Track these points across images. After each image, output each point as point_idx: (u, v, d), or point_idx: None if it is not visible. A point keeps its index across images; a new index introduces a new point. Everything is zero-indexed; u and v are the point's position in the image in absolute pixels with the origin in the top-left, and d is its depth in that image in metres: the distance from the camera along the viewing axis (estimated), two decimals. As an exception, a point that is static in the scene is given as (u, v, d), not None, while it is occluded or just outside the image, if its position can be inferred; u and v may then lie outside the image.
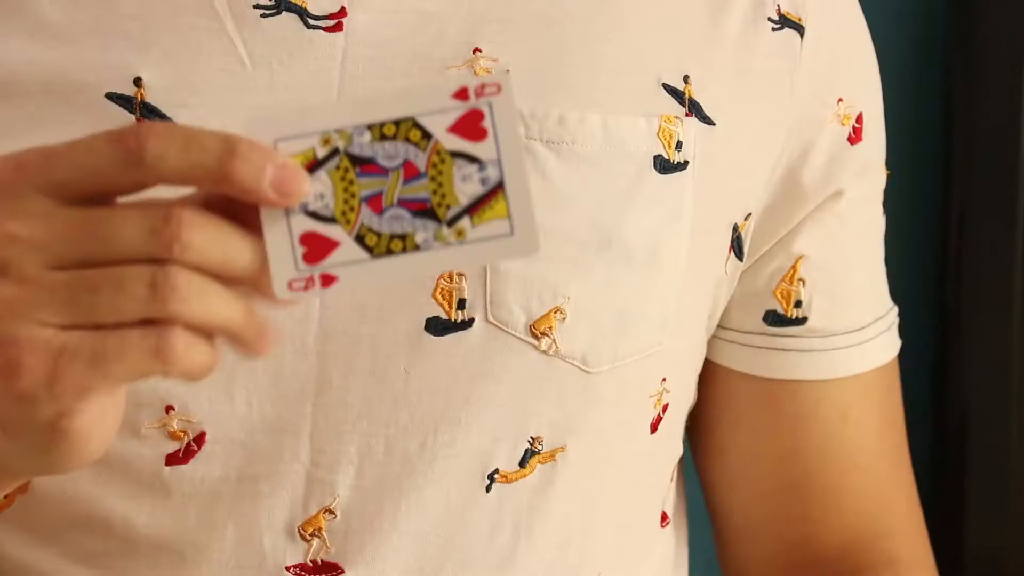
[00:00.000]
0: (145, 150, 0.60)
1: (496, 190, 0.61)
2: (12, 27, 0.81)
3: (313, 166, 0.61)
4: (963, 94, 1.45)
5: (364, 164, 0.61)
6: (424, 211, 0.61)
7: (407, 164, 0.61)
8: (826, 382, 0.94)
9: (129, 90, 0.80)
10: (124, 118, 0.80)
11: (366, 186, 0.61)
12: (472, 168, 0.61)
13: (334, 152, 0.61)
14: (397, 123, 0.60)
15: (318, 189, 0.61)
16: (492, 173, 0.61)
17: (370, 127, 0.60)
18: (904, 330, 0.98)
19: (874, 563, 0.95)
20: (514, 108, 0.61)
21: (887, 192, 0.97)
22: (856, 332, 0.94)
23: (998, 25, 1.42)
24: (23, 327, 0.60)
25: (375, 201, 0.61)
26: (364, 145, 0.61)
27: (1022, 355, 1.42)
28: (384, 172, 0.61)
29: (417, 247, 0.61)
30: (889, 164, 0.96)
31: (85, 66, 0.80)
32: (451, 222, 0.61)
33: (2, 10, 0.81)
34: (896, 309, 0.98)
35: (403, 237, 0.61)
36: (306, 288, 0.61)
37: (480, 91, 0.60)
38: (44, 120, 0.80)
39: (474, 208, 0.61)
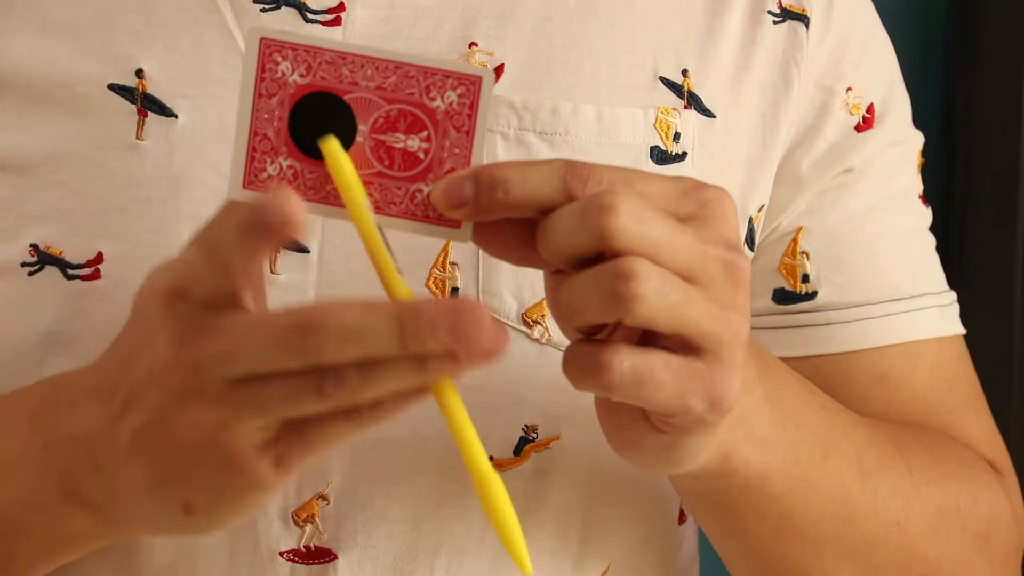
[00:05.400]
0: (323, 351, 0.61)
1: None
2: (20, 25, 0.83)
3: None
4: (964, 94, 1.46)
5: None
6: None
7: None
8: (855, 353, 0.92)
9: (131, 81, 0.82)
10: (125, 109, 0.82)
11: None
12: None
13: None
14: None
15: None
16: None
17: None
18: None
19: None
20: None
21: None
22: (891, 303, 0.92)
23: (999, 25, 1.43)
24: (237, 436, 0.64)
25: None
26: None
27: (1023, 354, 1.43)
28: None
29: None
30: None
31: (88, 58, 0.82)
32: None
33: (11, 8, 0.83)
34: (955, 296, 0.95)
35: None
36: None
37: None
38: (47, 108, 0.82)
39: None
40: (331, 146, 0.66)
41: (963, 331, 0.95)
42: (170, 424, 0.65)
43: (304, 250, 0.81)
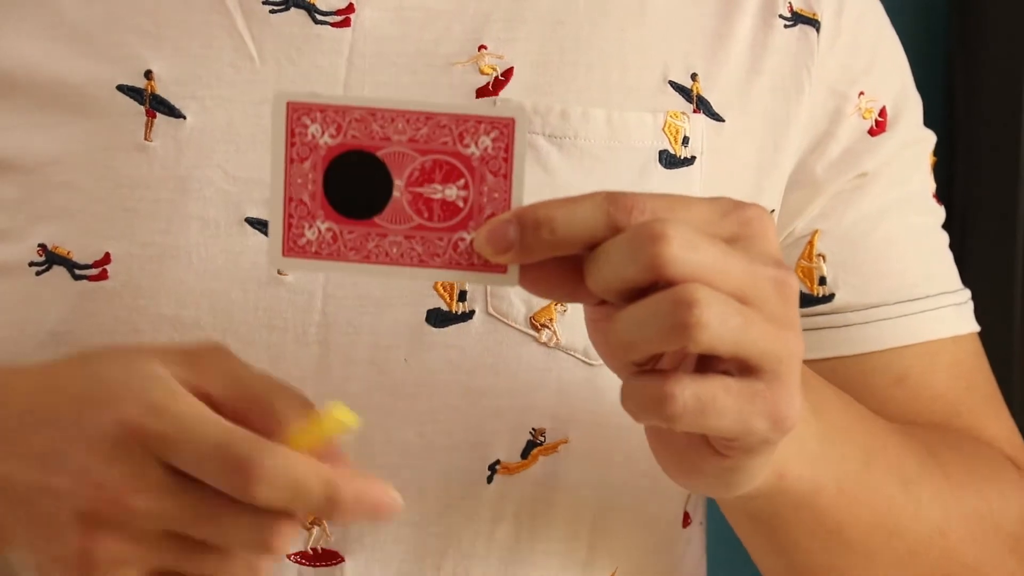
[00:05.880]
0: (255, 490, 0.63)
1: None
2: (32, 25, 0.83)
3: None
4: (965, 94, 1.46)
5: None
6: None
7: None
8: (872, 354, 0.92)
9: (140, 82, 0.82)
10: (133, 110, 0.81)
11: None
12: None
13: None
14: None
15: None
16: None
17: None
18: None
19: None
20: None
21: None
22: (907, 303, 0.92)
23: (999, 25, 1.43)
24: None
25: None
26: None
27: (1023, 354, 1.43)
28: None
29: None
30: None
31: (97, 59, 0.82)
32: None
33: (22, 8, 0.83)
34: (969, 293, 0.96)
35: None
36: None
37: None
38: (56, 109, 0.81)
39: None
40: None
41: (978, 328, 0.96)
42: (65, 528, 0.66)
43: None
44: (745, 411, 0.65)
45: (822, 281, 0.91)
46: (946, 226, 0.98)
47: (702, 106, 0.86)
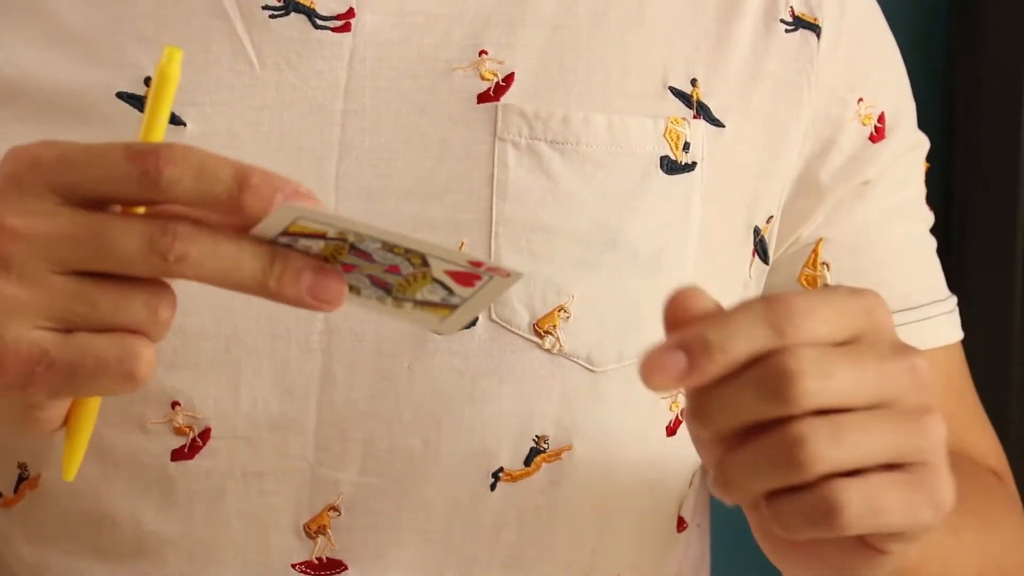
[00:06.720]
0: (162, 175, 0.61)
1: (449, 307, 0.65)
2: (31, 33, 0.82)
3: (318, 237, 0.63)
4: (965, 94, 1.46)
5: (359, 252, 0.63)
6: (381, 285, 0.64)
7: (394, 266, 0.64)
8: None
9: (139, 89, 0.81)
10: (133, 117, 0.81)
11: (350, 259, 0.63)
12: (442, 292, 0.64)
13: (342, 240, 0.63)
14: (408, 249, 0.63)
15: (310, 244, 0.63)
16: (453, 300, 0.65)
17: (384, 243, 0.62)
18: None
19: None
20: (504, 289, 0.64)
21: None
22: (903, 312, 0.92)
23: (999, 25, 1.43)
24: (13, 327, 0.62)
25: (349, 267, 0.64)
26: (370, 247, 0.63)
27: (1023, 355, 1.43)
28: (372, 261, 0.63)
29: (359, 293, 0.65)
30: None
31: (97, 65, 0.81)
32: (397, 299, 0.65)
33: (22, 16, 0.83)
34: (955, 300, 0.95)
35: (354, 288, 0.65)
36: None
37: (492, 268, 0.63)
38: (56, 116, 0.81)
39: (422, 304, 0.65)
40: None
41: (963, 335, 0.96)
42: None
43: None
44: (913, 504, 0.63)
45: None
46: (945, 227, 0.98)
47: (702, 111, 0.86)
